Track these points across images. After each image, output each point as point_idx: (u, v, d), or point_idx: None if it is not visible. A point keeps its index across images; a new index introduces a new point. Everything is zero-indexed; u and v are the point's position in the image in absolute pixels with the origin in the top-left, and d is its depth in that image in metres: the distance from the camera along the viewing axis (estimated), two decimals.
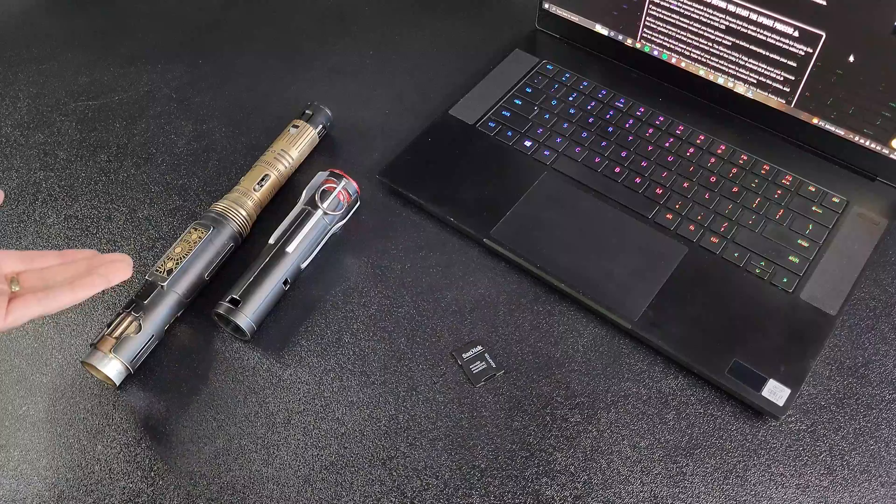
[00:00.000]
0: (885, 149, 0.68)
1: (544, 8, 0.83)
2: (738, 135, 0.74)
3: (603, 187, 0.70)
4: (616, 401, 0.59)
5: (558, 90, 0.78)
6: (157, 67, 0.86)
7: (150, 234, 0.71)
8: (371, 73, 0.84)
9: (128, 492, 0.56)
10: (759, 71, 0.71)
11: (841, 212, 0.68)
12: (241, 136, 0.78)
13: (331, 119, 0.76)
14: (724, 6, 0.69)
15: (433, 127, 0.76)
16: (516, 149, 0.74)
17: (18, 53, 0.88)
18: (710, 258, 0.65)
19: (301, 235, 0.64)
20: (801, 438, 0.57)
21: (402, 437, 0.58)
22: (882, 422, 0.58)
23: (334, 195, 0.67)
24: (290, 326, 0.64)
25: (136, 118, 0.81)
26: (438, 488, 0.56)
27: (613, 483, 0.55)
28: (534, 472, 0.56)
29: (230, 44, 0.88)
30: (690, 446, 0.57)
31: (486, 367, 0.61)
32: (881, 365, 0.61)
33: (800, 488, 0.55)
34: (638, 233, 0.67)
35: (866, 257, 0.65)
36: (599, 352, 0.62)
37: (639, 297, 0.63)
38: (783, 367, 0.59)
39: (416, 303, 0.65)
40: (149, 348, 0.61)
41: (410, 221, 0.71)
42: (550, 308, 0.64)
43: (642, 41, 0.78)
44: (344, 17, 0.91)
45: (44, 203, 0.74)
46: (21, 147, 0.78)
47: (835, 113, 0.69)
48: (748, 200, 0.69)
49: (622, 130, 0.75)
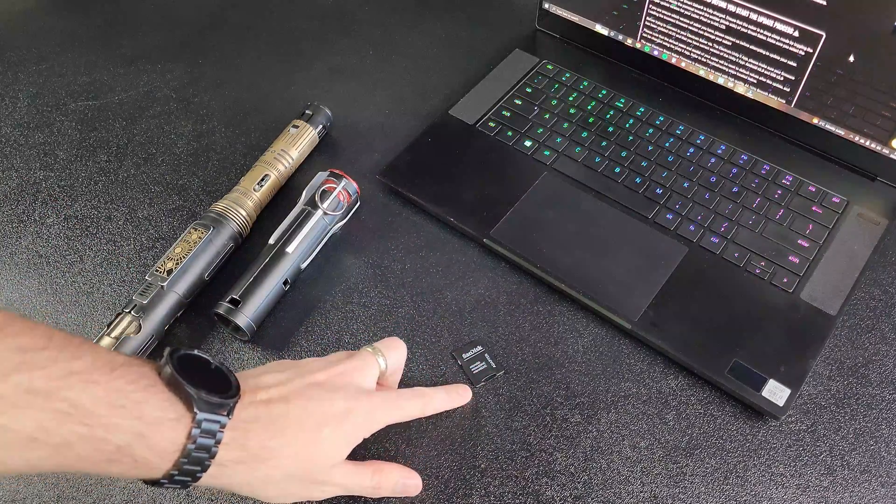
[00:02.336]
0: (885, 149, 0.68)
1: (544, 8, 0.83)
2: (738, 135, 0.74)
3: (603, 187, 0.70)
4: (616, 401, 0.59)
5: (558, 90, 0.78)
6: (157, 67, 0.86)
7: (150, 234, 0.71)
8: (371, 73, 0.84)
9: (128, 492, 0.56)
10: (759, 71, 0.71)
11: (841, 212, 0.68)
12: (241, 136, 0.78)
13: (331, 119, 0.76)
14: (724, 6, 0.69)
15: (433, 127, 0.76)
16: (516, 149, 0.74)
17: (18, 53, 0.88)
18: (710, 258, 0.65)
19: (301, 235, 0.64)
20: (802, 438, 0.57)
21: (402, 437, 0.58)
22: (882, 422, 0.58)
23: (334, 195, 0.67)
24: (290, 326, 0.64)
25: (136, 118, 0.81)
26: (438, 488, 0.56)
27: (613, 483, 0.55)
28: (534, 472, 0.56)
29: (230, 44, 0.88)
30: (690, 446, 0.57)
31: (487, 368, 0.61)
32: (881, 365, 0.61)
33: (800, 488, 0.55)
34: (638, 233, 0.67)
35: (866, 257, 0.65)
36: (599, 352, 0.62)
37: (639, 298, 0.63)
38: (783, 367, 0.59)
39: (416, 303, 0.65)
40: (148, 348, 0.61)
41: (410, 221, 0.71)
42: (550, 308, 0.64)
43: (642, 41, 0.78)
44: (344, 17, 0.91)
45: (44, 203, 0.74)
46: (21, 147, 0.78)
47: (835, 113, 0.69)
48: (748, 200, 0.69)
49: (622, 130, 0.75)
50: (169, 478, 0.42)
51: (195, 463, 0.42)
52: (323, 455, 0.48)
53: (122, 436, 0.39)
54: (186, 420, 0.41)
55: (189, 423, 0.41)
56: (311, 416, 0.47)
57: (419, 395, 0.55)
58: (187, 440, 0.41)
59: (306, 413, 0.47)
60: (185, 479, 0.42)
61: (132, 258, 0.69)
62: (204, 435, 0.42)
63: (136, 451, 0.40)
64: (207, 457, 0.42)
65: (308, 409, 0.47)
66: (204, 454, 0.42)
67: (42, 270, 0.69)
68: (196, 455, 0.42)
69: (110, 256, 0.69)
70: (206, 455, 0.42)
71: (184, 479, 0.43)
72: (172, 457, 0.41)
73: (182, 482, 0.43)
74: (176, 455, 0.41)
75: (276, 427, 0.46)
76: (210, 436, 0.42)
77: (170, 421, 0.41)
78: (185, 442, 0.41)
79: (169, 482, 0.42)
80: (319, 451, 0.48)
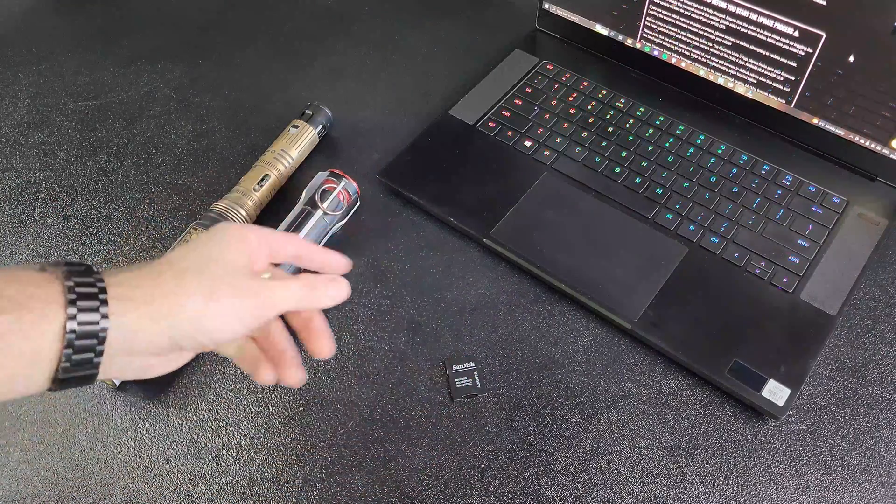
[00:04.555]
0: (885, 149, 0.68)
1: (544, 8, 0.83)
2: (738, 135, 0.74)
3: (603, 187, 0.70)
4: (616, 401, 0.59)
5: (558, 90, 0.78)
6: (157, 67, 0.86)
7: (150, 234, 0.71)
8: (371, 73, 0.84)
9: (128, 492, 0.56)
10: (759, 71, 0.71)
11: (841, 212, 0.68)
12: (241, 136, 0.78)
13: (331, 119, 0.76)
14: (724, 6, 0.69)
15: (433, 127, 0.76)
16: (516, 149, 0.74)
17: (18, 53, 0.88)
18: (710, 258, 0.65)
19: (301, 235, 0.64)
20: (802, 438, 0.57)
21: (402, 436, 0.58)
22: (882, 422, 0.58)
23: (334, 195, 0.67)
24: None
25: (136, 118, 0.81)
26: (438, 488, 0.56)
27: (613, 483, 0.55)
28: (534, 472, 0.56)
29: (230, 44, 0.88)
30: (690, 446, 0.57)
31: (471, 385, 0.60)
32: (881, 365, 0.61)
33: (800, 488, 0.55)
34: (638, 233, 0.67)
35: (866, 257, 0.65)
36: (599, 352, 0.62)
37: (639, 297, 0.63)
38: (783, 367, 0.59)
39: (416, 303, 0.65)
40: None
41: (410, 221, 0.71)
42: (550, 308, 0.64)
43: (642, 41, 0.78)
44: (344, 17, 0.91)
45: (44, 203, 0.74)
46: (21, 147, 0.78)
47: (835, 113, 0.69)
48: (748, 200, 0.69)
49: (622, 130, 0.75)
50: (66, 362, 0.36)
51: (86, 335, 0.36)
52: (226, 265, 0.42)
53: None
54: (58, 287, 0.36)
55: (62, 290, 0.36)
56: (185, 257, 0.41)
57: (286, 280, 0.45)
58: (65, 296, 0.36)
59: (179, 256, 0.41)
60: (83, 356, 0.36)
61: (132, 258, 0.69)
62: (82, 286, 0.36)
63: (14, 343, 0.35)
64: (97, 317, 0.36)
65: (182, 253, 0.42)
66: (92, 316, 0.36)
67: None
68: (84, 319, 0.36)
69: (110, 256, 0.69)
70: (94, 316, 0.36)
71: (82, 358, 0.36)
72: (57, 332, 0.35)
73: (81, 366, 0.37)
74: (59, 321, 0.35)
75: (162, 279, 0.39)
76: (90, 286, 0.36)
77: (40, 293, 0.36)
78: (63, 300, 0.36)
79: (67, 371, 0.36)
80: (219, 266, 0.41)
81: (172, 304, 0.39)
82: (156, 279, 0.40)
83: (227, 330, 0.41)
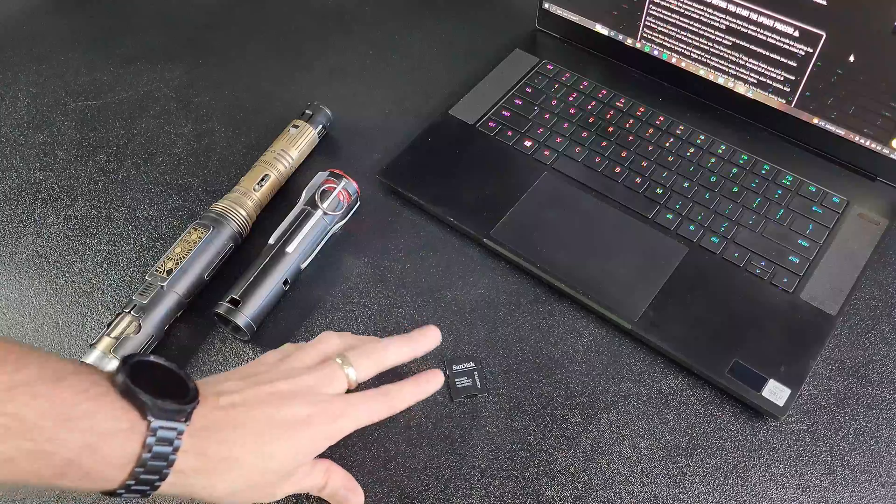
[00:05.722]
0: (885, 149, 0.68)
1: (544, 8, 0.83)
2: (738, 135, 0.74)
3: (603, 187, 0.70)
4: (616, 401, 0.59)
5: (558, 90, 0.78)
6: (157, 67, 0.86)
7: (150, 234, 0.71)
8: (371, 73, 0.84)
9: None
10: (760, 71, 0.71)
11: (841, 212, 0.68)
12: (241, 136, 0.78)
13: (331, 119, 0.76)
14: (724, 6, 0.69)
15: (433, 127, 0.76)
16: (516, 149, 0.74)
17: (18, 53, 0.88)
18: (710, 258, 0.65)
19: (301, 235, 0.64)
20: (802, 439, 0.57)
21: (403, 436, 0.58)
22: (882, 422, 0.58)
23: (334, 195, 0.67)
24: (290, 326, 0.64)
25: (136, 118, 0.81)
26: (438, 488, 0.56)
27: (613, 483, 0.55)
28: (534, 472, 0.56)
29: (230, 44, 0.88)
30: (690, 446, 0.57)
31: (471, 386, 0.60)
32: (881, 365, 0.61)
33: (800, 488, 0.55)
34: (638, 233, 0.67)
35: (866, 257, 0.65)
36: (599, 352, 0.62)
37: (639, 297, 0.63)
38: (783, 367, 0.59)
39: (416, 303, 0.65)
40: (148, 348, 0.61)
41: (410, 221, 0.71)
42: (550, 308, 0.64)
43: (642, 41, 0.78)
44: (344, 17, 0.91)
45: (43, 203, 0.74)
46: (21, 147, 0.78)
47: (835, 113, 0.69)
48: (748, 200, 0.69)
49: (622, 130, 0.75)
50: (125, 488, 0.41)
51: (152, 472, 0.41)
52: (284, 464, 0.47)
53: (71, 449, 0.38)
54: (141, 428, 0.40)
55: (144, 432, 0.40)
56: (271, 423, 0.46)
57: (384, 393, 0.52)
58: (142, 449, 0.40)
59: (267, 420, 0.46)
60: (142, 488, 0.41)
61: (132, 258, 0.69)
62: (160, 443, 0.40)
63: (86, 464, 0.39)
64: (165, 465, 0.41)
65: (269, 416, 0.46)
66: (161, 462, 0.41)
67: (42, 270, 0.69)
68: (153, 464, 0.41)
69: (110, 256, 0.69)
70: (163, 463, 0.41)
71: (141, 489, 0.41)
72: (127, 467, 0.40)
73: (140, 492, 0.41)
74: (131, 465, 0.40)
75: (237, 435, 0.45)
76: (167, 444, 0.41)
77: (122, 431, 0.40)
78: (139, 451, 0.40)
79: (126, 492, 0.41)
80: (280, 460, 0.46)
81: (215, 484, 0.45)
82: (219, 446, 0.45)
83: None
